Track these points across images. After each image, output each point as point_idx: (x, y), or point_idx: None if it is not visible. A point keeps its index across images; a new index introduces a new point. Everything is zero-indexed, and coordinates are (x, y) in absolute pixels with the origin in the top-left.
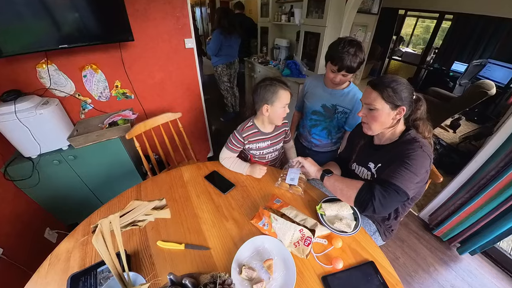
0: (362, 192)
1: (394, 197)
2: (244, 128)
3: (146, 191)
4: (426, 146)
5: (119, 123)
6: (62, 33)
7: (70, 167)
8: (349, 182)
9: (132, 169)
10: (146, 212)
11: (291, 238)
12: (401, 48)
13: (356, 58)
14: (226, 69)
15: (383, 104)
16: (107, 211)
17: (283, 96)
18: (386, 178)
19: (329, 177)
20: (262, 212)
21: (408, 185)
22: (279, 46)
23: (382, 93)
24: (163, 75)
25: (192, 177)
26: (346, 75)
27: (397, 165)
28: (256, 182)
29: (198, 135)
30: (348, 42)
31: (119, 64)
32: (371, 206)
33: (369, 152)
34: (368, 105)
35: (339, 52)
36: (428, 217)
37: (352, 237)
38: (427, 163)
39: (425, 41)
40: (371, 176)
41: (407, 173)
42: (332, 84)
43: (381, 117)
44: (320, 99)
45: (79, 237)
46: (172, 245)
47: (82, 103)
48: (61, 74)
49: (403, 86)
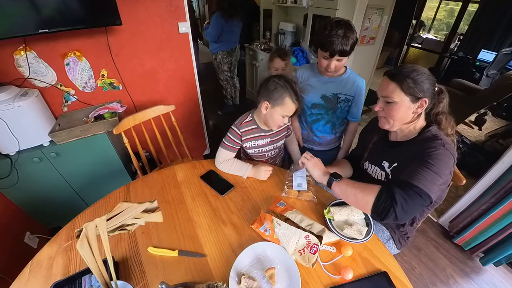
0: (381, 198)
1: (417, 201)
2: (242, 122)
3: (136, 192)
4: (449, 144)
5: (106, 116)
6: (42, 16)
7: (52, 165)
8: (364, 187)
9: (120, 167)
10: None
11: (296, 245)
12: (421, 34)
13: (347, 39)
14: (226, 56)
15: (402, 97)
16: (92, 213)
17: (287, 106)
18: (406, 179)
19: (338, 182)
20: (263, 216)
21: (431, 188)
22: (284, 31)
23: (401, 84)
24: (155, 63)
25: (186, 177)
26: (340, 59)
27: (417, 165)
28: (257, 183)
29: (193, 130)
30: (335, 23)
31: (106, 51)
32: (392, 213)
33: (383, 149)
34: (385, 97)
35: (327, 36)
36: (448, 224)
37: (363, 244)
38: (451, 163)
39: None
40: (385, 176)
41: (430, 173)
42: (327, 71)
43: (400, 111)
44: (319, 90)
45: (63, 242)
46: (165, 252)
47: (64, 95)
48: (41, 62)
49: (424, 77)
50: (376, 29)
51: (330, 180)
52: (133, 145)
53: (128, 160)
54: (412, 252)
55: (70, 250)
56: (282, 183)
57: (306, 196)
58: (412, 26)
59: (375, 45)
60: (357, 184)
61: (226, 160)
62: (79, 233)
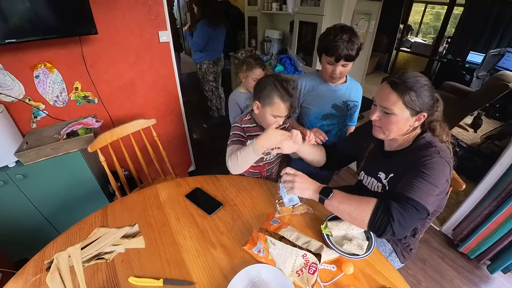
0: (377, 214)
1: (414, 215)
2: (242, 119)
3: (114, 215)
4: (444, 151)
5: (80, 133)
6: (9, 25)
7: (18, 189)
8: (358, 202)
9: (96, 189)
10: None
11: (293, 266)
12: (409, 38)
13: (352, 44)
14: (212, 66)
15: (403, 110)
16: (65, 242)
17: (277, 106)
18: (402, 192)
19: (330, 200)
20: (256, 235)
21: (427, 199)
22: (270, 39)
23: (403, 97)
24: (133, 74)
25: (170, 196)
26: (345, 64)
27: (412, 175)
28: (248, 200)
29: (176, 145)
30: (339, 29)
31: (80, 62)
32: (389, 229)
33: (378, 160)
34: (384, 108)
35: (332, 41)
36: (451, 232)
37: (365, 260)
38: (447, 171)
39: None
40: (382, 188)
41: (426, 185)
42: (332, 78)
43: (398, 124)
44: (328, 99)
45: (30, 277)
46: (148, 282)
47: (33, 110)
48: (7, 75)
49: (426, 89)
50: (364, 34)
51: (321, 199)
52: (111, 163)
53: (105, 180)
54: (416, 265)
55: (38, 285)
56: (274, 198)
57: (301, 209)
58: (400, 31)
59: (364, 50)
60: (351, 199)
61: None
62: (49, 265)
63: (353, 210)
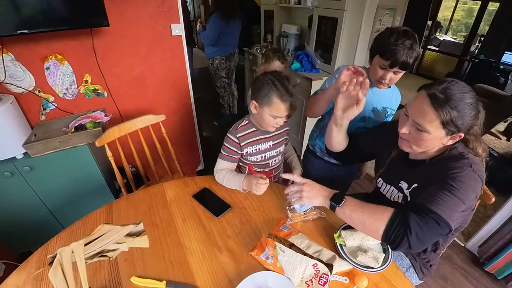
0: (393, 224)
1: (434, 230)
2: (238, 127)
3: (119, 212)
4: (476, 165)
5: (88, 126)
6: (22, 15)
7: (25, 181)
8: (373, 211)
9: (102, 184)
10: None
11: (302, 275)
12: (438, 36)
13: (412, 52)
14: (224, 61)
15: (438, 129)
16: (69, 237)
17: (275, 106)
18: (423, 203)
19: (342, 207)
20: (265, 241)
21: (451, 215)
22: (287, 34)
23: (444, 117)
24: (144, 68)
25: (177, 195)
26: (398, 72)
27: (438, 187)
28: (258, 203)
29: (185, 143)
30: (403, 32)
31: (90, 55)
32: (406, 242)
33: (401, 168)
34: (418, 124)
35: (392, 44)
36: (477, 249)
37: (380, 274)
38: (478, 187)
39: (468, 27)
40: (403, 198)
41: (452, 199)
42: (380, 83)
43: (430, 142)
44: (370, 102)
45: (33, 270)
46: (151, 283)
47: (43, 102)
48: (18, 66)
49: (471, 108)
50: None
51: (331, 206)
52: (118, 159)
53: (111, 176)
54: (437, 282)
55: (41, 279)
56: (285, 203)
57: (313, 214)
58: (428, 28)
59: None
60: (365, 207)
61: (223, 171)
62: (52, 259)
63: (366, 219)
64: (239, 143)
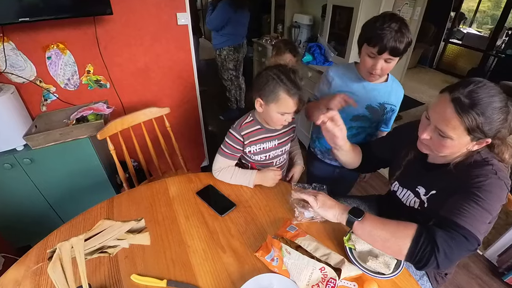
0: (418, 243)
1: (463, 246)
2: (242, 124)
3: (120, 208)
4: (501, 172)
5: (90, 118)
6: (23, 3)
7: (25, 173)
8: (395, 228)
9: (103, 178)
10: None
11: (309, 279)
12: (461, 29)
13: (402, 36)
14: (233, 53)
15: (463, 136)
16: (69, 232)
17: (283, 102)
18: (449, 217)
19: (361, 222)
20: (270, 242)
21: (479, 228)
22: (299, 24)
23: (469, 123)
24: (148, 59)
25: (180, 192)
26: (390, 60)
27: (463, 197)
28: (264, 202)
29: (190, 137)
30: (389, 16)
31: (93, 44)
32: (433, 261)
33: (419, 172)
34: (440, 131)
35: (378, 28)
36: (496, 258)
37: (391, 281)
38: (503, 196)
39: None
40: (420, 204)
41: (478, 210)
42: (371, 75)
43: (453, 148)
44: (363, 99)
45: (32, 264)
46: (151, 281)
47: (44, 92)
48: (19, 55)
49: (500, 112)
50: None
51: (350, 219)
52: (120, 153)
53: (113, 170)
54: None
55: (40, 274)
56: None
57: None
58: (451, 19)
59: None
60: (387, 223)
61: (225, 168)
62: (51, 254)
63: (389, 237)
64: (243, 141)
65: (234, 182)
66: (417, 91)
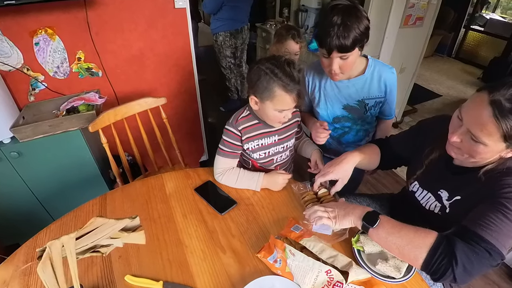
0: (436, 253)
1: (484, 261)
2: (238, 118)
3: (114, 204)
4: None
5: (81, 109)
6: None
7: (13, 168)
8: (412, 236)
9: (95, 173)
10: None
11: (314, 282)
12: (484, 14)
13: (347, 29)
14: (229, 38)
15: (498, 143)
16: (59, 230)
17: (279, 99)
18: (471, 228)
19: (377, 229)
20: (273, 242)
21: (505, 243)
22: (306, 8)
23: (507, 129)
24: (143, 45)
25: (177, 188)
26: (345, 56)
27: (489, 208)
28: (267, 200)
29: (188, 130)
30: (330, 8)
31: (84, 29)
32: (450, 274)
33: (443, 174)
34: (474, 135)
35: (322, 26)
36: None
37: (402, 285)
38: None
39: None
40: (441, 209)
41: (506, 224)
42: (332, 75)
43: (485, 154)
44: (338, 99)
45: (20, 264)
46: (146, 282)
47: (31, 81)
48: (5, 41)
49: None
50: (424, 7)
51: (364, 226)
52: (113, 146)
53: (105, 164)
54: None
55: (29, 274)
56: (298, 201)
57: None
58: (472, 4)
59: (424, 27)
60: (404, 230)
61: (229, 170)
62: (41, 253)
63: (405, 245)
64: (241, 136)
65: (240, 187)
66: (434, 82)
